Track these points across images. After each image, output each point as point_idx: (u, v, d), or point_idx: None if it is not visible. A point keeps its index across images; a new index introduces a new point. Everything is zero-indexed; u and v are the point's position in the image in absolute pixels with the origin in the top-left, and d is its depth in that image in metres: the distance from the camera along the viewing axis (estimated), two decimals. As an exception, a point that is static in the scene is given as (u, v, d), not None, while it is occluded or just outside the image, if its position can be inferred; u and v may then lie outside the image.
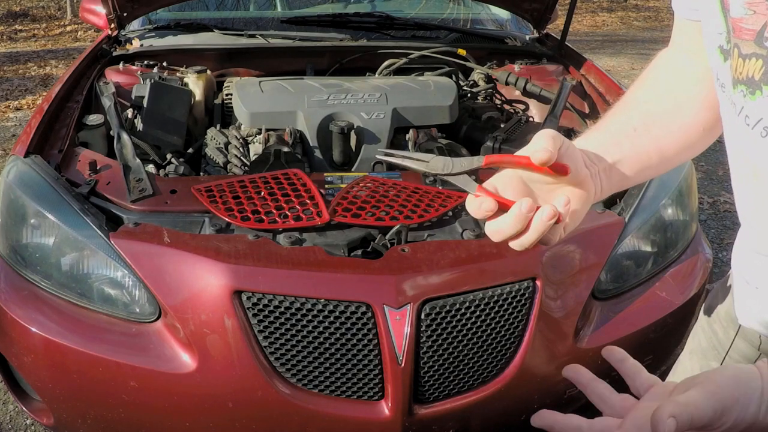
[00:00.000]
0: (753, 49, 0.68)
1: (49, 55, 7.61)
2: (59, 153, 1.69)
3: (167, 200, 1.54)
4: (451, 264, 1.36)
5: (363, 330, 1.29)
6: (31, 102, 5.58)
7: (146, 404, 1.39)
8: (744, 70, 0.70)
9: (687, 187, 1.72)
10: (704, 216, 3.45)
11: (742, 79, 0.70)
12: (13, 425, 2.02)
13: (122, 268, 1.40)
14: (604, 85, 2.15)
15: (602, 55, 7.61)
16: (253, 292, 1.30)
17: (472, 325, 1.33)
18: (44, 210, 1.48)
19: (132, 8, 2.32)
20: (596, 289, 1.49)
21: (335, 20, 2.53)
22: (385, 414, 1.31)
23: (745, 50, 0.69)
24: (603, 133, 0.84)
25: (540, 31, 2.59)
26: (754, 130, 0.70)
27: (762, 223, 0.76)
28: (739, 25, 0.69)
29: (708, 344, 1.00)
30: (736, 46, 0.70)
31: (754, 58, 0.68)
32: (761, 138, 0.69)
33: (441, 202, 1.54)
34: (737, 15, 0.69)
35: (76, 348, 1.39)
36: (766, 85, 0.67)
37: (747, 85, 0.70)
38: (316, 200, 1.51)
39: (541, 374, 1.42)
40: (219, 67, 2.39)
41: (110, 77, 2.17)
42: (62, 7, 10.21)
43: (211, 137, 1.97)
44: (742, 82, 0.70)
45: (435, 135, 1.92)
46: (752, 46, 0.68)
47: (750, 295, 0.85)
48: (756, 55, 0.67)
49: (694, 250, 1.69)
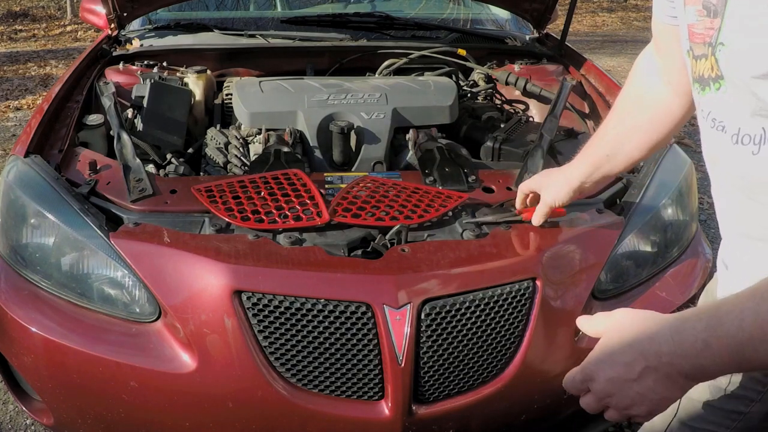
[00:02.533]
0: (702, 51, 0.78)
1: (49, 55, 7.61)
2: (59, 153, 1.69)
3: (167, 200, 1.54)
4: (451, 264, 1.36)
5: (363, 330, 1.29)
6: (31, 102, 5.58)
7: (146, 404, 1.39)
8: (697, 70, 0.80)
9: (687, 187, 1.72)
10: (704, 216, 3.45)
11: (696, 77, 0.81)
12: (13, 425, 2.02)
13: (122, 268, 1.40)
14: (604, 85, 2.15)
15: (602, 55, 7.61)
16: (253, 292, 1.30)
17: (472, 325, 1.33)
18: (44, 210, 1.48)
19: (132, 8, 2.32)
20: (596, 289, 1.49)
21: (335, 20, 2.53)
22: (385, 414, 1.31)
23: (697, 52, 0.80)
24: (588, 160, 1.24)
25: (540, 31, 2.59)
26: (707, 123, 0.81)
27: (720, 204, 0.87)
28: (692, 30, 0.79)
29: None
30: (691, 49, 0.81)
31: (703, 58, 0.78)
32: (711, 129, 0.80)
33: (441, 202, 1.54)
34: (690, 21, 0.79)
35: (76, 348, 1.38)
36: (714, 82, 0.77)
37: (699, 83, 0.81)
38: (316, 200, 1.51)
39: (542, 374, 1.42)
40: (219, 67, 2.39)
41: (110, 77, 2.17)
42: (62, 7, 10.21)
43: (211, 137, 1.97)
44: (696, 80, 0.82)
45: (435, 135, 1.92)
46: (702, 47, 0.78)
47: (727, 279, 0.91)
48: (705, 56, 0.77)
49: (694, 250, 1.69)
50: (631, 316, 0.74)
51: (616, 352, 0.71)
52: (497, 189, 1.64)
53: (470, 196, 1.59)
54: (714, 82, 0.77)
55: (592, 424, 1.58)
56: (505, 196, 1.61)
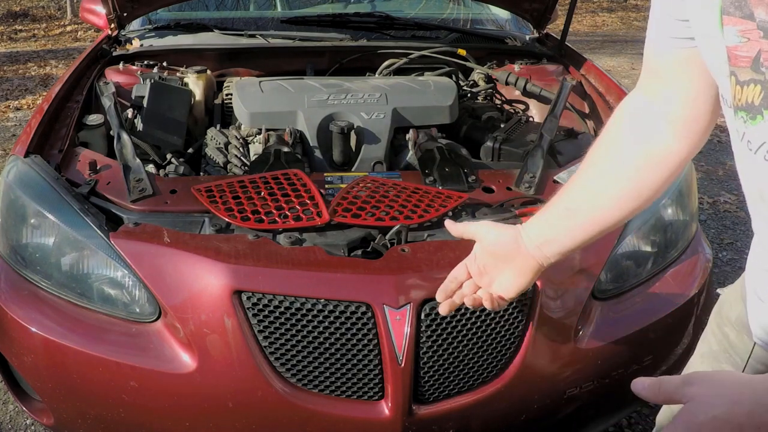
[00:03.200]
0: (750, 76, 0.69)
1: (49, 55, 7.61)
2: (59, 153, 1.69)
3: (167, 200, 1.54)
4: (451, 264, 1.34)
5: (363, 330, 1.29)
6: (31, 102, 5.58)
7: (146, 404, 1.39)
8: (743, 97, 0.71)
9: (687, 187, 1.72)
10: (704, 216, 3.45)
11: (742, 105, 0.71)
12: (13, 425, 2.02)
13: (122, 268, 1.40)
14: (604, 85, 2.15)
15: (602, 55, 7.62)
16: (253, 292, 1.30)
17: (472, 325, 1.33)
18: (44, 210, 1.48)
19: (132, 8, 2.32)
20: (596, 289, 1.49)
21: (335, 20, 2.53)
22: (385, 414, 1.31)
23: (742, 77, 0.70)
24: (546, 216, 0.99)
25: (540, 31, 2.59)
26: (757, 155, 0.71)
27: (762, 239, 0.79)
28: (734, 53, 0.70)
29: (719, 347, 1.01)
30: (733, 74, 0.71)
31: (752, 84, 0.69)
32: (765, 162, 0.70)
33: (441, 202, 1.54)
34: (732, 43, 0.70)
35: (76, 348, 1.39)
36: (766, 109, 0.68)
37: (747, 111, 0.71)
38: (316, 200, 1.51)
39: (541, 374, 1.42)
40: (219, 67, 2.39)
41: (110, 77, 2.17)
42: (62, 7, 10.21)
43: (211, 137, 1.97)
44: (742, 108, 0.72)
45: (435, 135, 1.92)
46: (749, 72, 0.69)
47: (762, 312, 0.86)
48: (754, 81, 0.68)
49: (694, 250, 1.69)
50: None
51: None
52: (497, 189, 1.64)
53: (470, 196, 1.59)
54: None
55: (592, 423, 1.58)
56: (505, 196, 1.61)
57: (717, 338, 1.02)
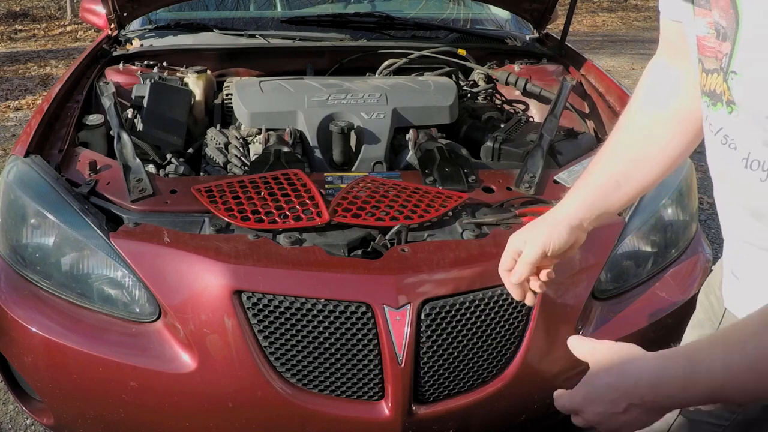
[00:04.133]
0: (713, 65, 0.74)
1: (49, 55, 7.61)
2: (59, 153, 1.69)
3: (167, 200, 1.54)
4: (451, 264, 1.36)
5: (363, 330, 1.29)
6: (31, 102, 5.58)
7: (146, 404, 1.39)
8: (707, 84, 0.77)
9: (687, 187, 1.72)
10: (704, 216, 3.45)
11: (706, 91, 0.78)
12: (13, 425, 2.02)
13: (122, 268, 1.40)
14: (604, 85, 2.15)
15: (602, 55, 7.62)
16: (253, 292, 1.30)
17: (472, 325, 1.33)
18: (44, 210, 1.48)
19: (132, 8, 2.32)
20: (596, 289, 1.49)
21: (335, 20, 2.53)
22: (385, 414, 1.31)
23: (707, 66, 0.76)
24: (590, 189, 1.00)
25: (540, 31, 2.59)
26: (716, 138, 0.78)
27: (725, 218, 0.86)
28: (702, 42, 0.76)
29: (704, 316, 1.06)
30: (701, 61, 0.77)
31: (715, 73, 0.74)
32: (721, 145, 0.78)
33: (441, 202, 1.54)
34: (701, 33, 0.76)
35: (76, 348, 1.39)
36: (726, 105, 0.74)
37: (710, 96, 0.78)
38: (316, 200, 1.51)
39: (541, 374, 1.42)
40: (219, 67, 2.39)
41: (110, 77, 2.17)
42: (62, 7, 10.21)
43: (211, 137, 1.97)
44: (706, 93, 0.78)
45: (435, 135, 1.92)
46: (714, 62, 0.74)
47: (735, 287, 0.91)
48: (716, 70, 0.74)
49: (694, 250, 1.69)
50: (614, 357, 0.78)
51: (602, 392, 0.76)
52: (497, 189, 1.64)
53: (470, 196, 1.59)
54: (726, 105, 0.74)
55: (592, 424, 1.58)
56: (505, 196, 1.61)
57: (703, 306, 1.06)
